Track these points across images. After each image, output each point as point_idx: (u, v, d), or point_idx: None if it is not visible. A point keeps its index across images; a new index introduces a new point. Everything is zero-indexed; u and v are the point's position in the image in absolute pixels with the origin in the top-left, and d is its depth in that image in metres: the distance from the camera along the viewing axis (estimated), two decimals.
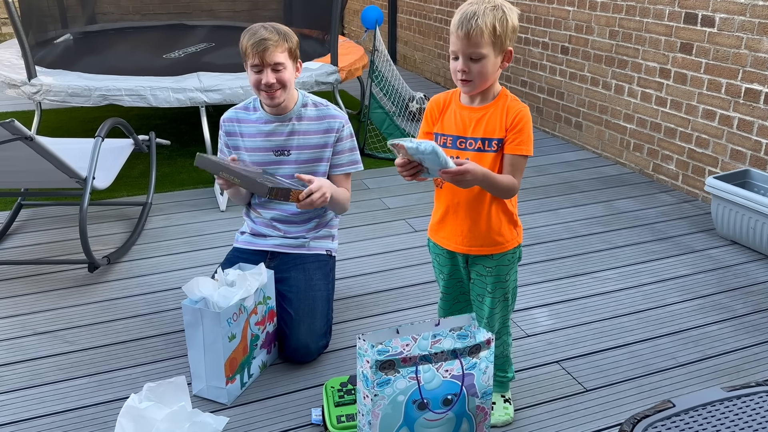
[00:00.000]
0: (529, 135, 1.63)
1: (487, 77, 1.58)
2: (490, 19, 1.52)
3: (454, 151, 1.67)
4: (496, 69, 1.59)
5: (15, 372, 2.09)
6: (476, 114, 1.65)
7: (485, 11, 1.53)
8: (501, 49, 1.57)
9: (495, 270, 1.75)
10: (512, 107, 1.63)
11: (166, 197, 3.50)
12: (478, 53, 1.54)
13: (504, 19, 1.54)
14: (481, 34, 1.52)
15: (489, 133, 1.64)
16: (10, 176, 2.69)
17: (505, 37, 1.55)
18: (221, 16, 5.92)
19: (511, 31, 1.57)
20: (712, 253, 2.86)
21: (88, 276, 2.68)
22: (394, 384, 1.52)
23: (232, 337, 1.88)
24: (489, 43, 1.53)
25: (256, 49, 2.03)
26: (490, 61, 1.56)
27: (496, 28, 1.53)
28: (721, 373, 2.07)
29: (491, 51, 1.55)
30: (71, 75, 3.81)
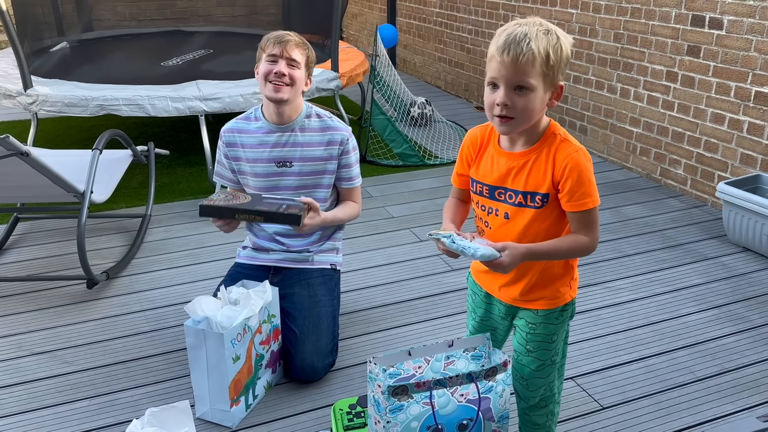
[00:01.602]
0: (590, 183, 1.34)
1: (532, 115, 1.31)
2: (543, 44, 1.26)
3: (489, 202, 1.46)
4: (543, 107, 1.33)
5: (12, 395, 2.02)
6: (517, 161, 1.39)
7: (538, 34, 1.27)
8: (552, 83, 1.30)
9: (540, 327, 1.50)
10: (561, 153, 1.35)
11: (166, 208, 3.43)
12: (526, 82, 1.27)
13: (559, 46, 1.28)
14: (532, 61, 1.25)
15: (533, 185, 1.38)
16: (6, 191, 2.62)
17: (557, 69, 1.29)
18: (219, 21, 5.85)
19: (565, 63, 1.32)
20: (724, 261, 2.80)
21: (86, 292, 2.61)
22: (407, 410, 1.46)
23: (236, 358, 1.82)
24: (540, 73, 1.27)
25: (278, 40, 2.05)
26: (538, 96, 1.29)
27: (550, 56, 1.26)
28: (741, 387, 2.00)
29: (541, 83, 1.28)
30: (68, 85, 3.75)
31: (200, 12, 5.88)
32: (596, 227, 1.38)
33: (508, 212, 1.43)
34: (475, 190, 1.50)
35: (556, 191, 1.37)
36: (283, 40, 2.05)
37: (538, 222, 1.40)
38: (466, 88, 5.65)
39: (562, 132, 1.39)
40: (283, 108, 2.09)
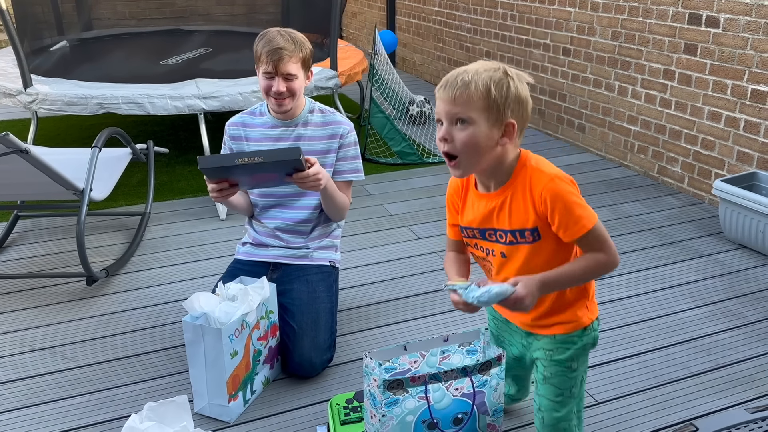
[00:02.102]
0: (578, 206, 1.28)
1: (477, 152, 1.27)
2: (483, 78, 1.25)
3: (484, 243, 1.43)
4: (491, 144, 1.27)
5: (13, 390, 2.04)
6: (495, 201, 1.35)
7: (479, 71, 1.26)
8: (498, 120, 1.26)
9: (557, 353, 1.45)
10: (536, 186, 1.29)
11: (165, 206, 3.45)
12: (464, 115, 1.24)
13: (504, 83, 1.25)
14: (469, 95, 1.24)
15: (518, 223, 1.34)
16: (6, 189, 2.64)
17: (503, 105, 1.25)
18: (218, 20, 5.87)
19: (514, 101, 1.26)
20: (720, 258, 2.81)
21: (86, 289, 2.63)
22: (402, 404, 1.48)
23: (234, 354, 1.83)
24: (480, 107, 1.24)
25: (271, 58, 2.01)
26: (480, 131, 1.25)
27: (491, 90, 1.24)
28: (735, 383, 2.02)
29: (482, 118, 1.25)
30: (67, 83, 3.76)
31: (199, 11, 5.89)
32: (607, 241, 1.32)
33: (503, 251, 1.39)
34: (466, 235, 1.48)
35: (545, 223, 1.32)
36: (275, 58, 2.01)
37: (537, 255, 1.36)
38: None
39: (533, 161, 1.34)
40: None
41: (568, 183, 1.31)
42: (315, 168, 1.92)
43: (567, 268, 1.32)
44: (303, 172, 1.89)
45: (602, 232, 1.31)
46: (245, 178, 1.94)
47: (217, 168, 1.83)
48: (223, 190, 1.93)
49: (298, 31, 2.12)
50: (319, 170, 1.94)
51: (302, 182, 1.92)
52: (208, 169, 1.82)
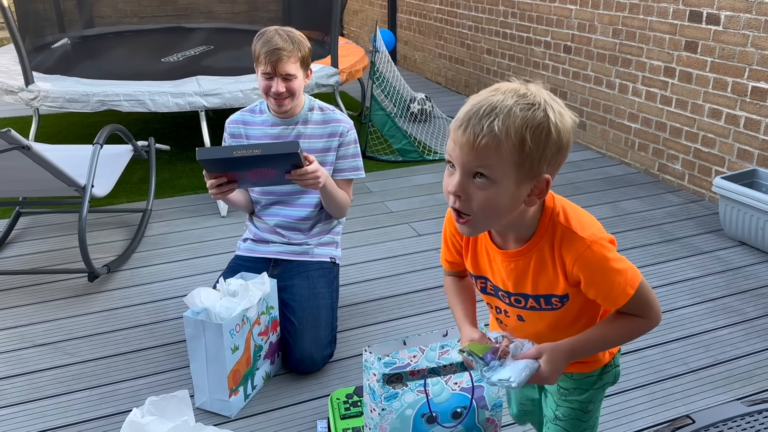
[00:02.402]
0: (619, 272, 1.05)
1: (497, 215, 1.00)
2: (518, 123, 0.93)
3: (495, 301, 1.21)
4: (516, 204, 1.00)
5: (14, 385, 2.05)
6: (515, 262, 1.10)
7: (513, 109, 0.93)
8: (530, 175, 0.97)
9: (574, 393, 1.26)
10: (569, 252, 1.04)
11: (166, 203, 3.46)
12: (487, 171, 0.95)
13: (544, 128, 0.94)
14: (496, 146, 0.93)
15: (544, 289, 1.10)
16: (8, 185, 2.65)
17: (539, 158, 0.95)
18: (220, 18, 5.87)
19: (554, 152, 0.97)
20: (720, 255, 2.82)
21: (87, 285, 2.64)
22: (402, 398, 1.48)
23: (235, 349, 1.84)
24: (509, 162, 0.94)
25: (269, 59, 2.01)
26: (505, 191, 0.96)
27: (527, 140, 0.93)
28: (734, 378, 2.03)
29: (510, 175, 0.95)
30: (69, 80, 3.77)
31: (201, 8, 5.90)
32: (650, 303, 1.10)
33: (521, 315, 1.18)
34: (476, 286, 1.24)
35: (577, 289, 1.09)
36: (273, 58, 2.01)
37: (561, 319, 1.15)
38: (466, 84, 5.66)
39: (562, 216, 1.06)
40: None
41: (605, 245, 1.05)
42: (314, 165, 1.92)
43: (599, 333, 1.12)
44: (301, 169, 1.89)
45: (646, 295, 1.09)
46: (244, 173, 1.91)
47: (216, 160, 1.81)
48: (222, 186, 1.90)
49: (297, 30, 2.11)
50: (318, 168, 1.94)
51: (301, 179, 1.92)
52: (207, 160, 1.80)
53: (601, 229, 1.08)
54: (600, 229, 1.08)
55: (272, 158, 1.80)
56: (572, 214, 1.08)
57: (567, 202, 1.11)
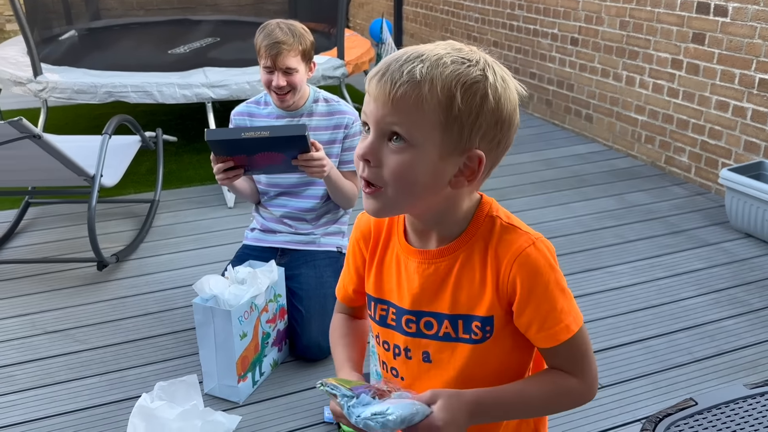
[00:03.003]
0: (560, 294, 0.85)
1: (414, 190, 0.80)
2: (447, 75, 0.76)
3: (395, 336, 0.93)
4: (439, 182, 0.80)
5: (26, 371, 2.08)
6: (434, 266, 0.88)
7: (444, 59, 0.77)
8: (459, 146, 0.78)
9: None
10: (505, 250, 0.84)
11: (174, 194, 3.48)
12: (402, 130, 0.78)
13: (479, 88, 0.77)
14: (415, 99, 0.76)
15: (465, 304, 0.87)
16: (18, 174, 2.68)
17: (470, 124, 0.77)
18: (226, 10, 5.88)
19: (491, 121, 0.78)
20: (726, 247, 2.82)
21: (97, 274, 2.66)
22: None
23: (243, 336, 1.86)
24: (431, 122, 0.76)
25: (269, 52, 2.02)
26: (425, 158, 0.78)
27: (456, 97, 0.76)
28: (738, 368, 2.04)
29: (432, 138, 0.77)
30: (77, 72, 3.79)
31: (207, 1, 5.91)
32: (590, 360, 0.88)
33: (428, 351, 0.90)
34: (373, 315, 0.96)
35: (506, 312, 0.86)
36: (273, 52, 2.01)
37: (479, 364, 0.88)
38: None
39: (503, 213, 0.88)
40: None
41: (552, 254, 0.86)
42: (320, 153, 1.93)
43: (517, 389, 0.87)
44: (308, 154, 1.88)
45: (588, 345, 0.88)
46: (251, 158, 1.89)
47: (224, 141, 1.81)
48: (229, 171, 1.90)
49: (303, 22, 2.12)
50: (324, 156, 1.95)
51: (307, 165, 1.92)
52: (215, 141, 1.81)
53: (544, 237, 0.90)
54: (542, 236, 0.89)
55: (280, 141, 1.80)
56: (514, 216, 0.90)
57: (506, 210, 0.93)
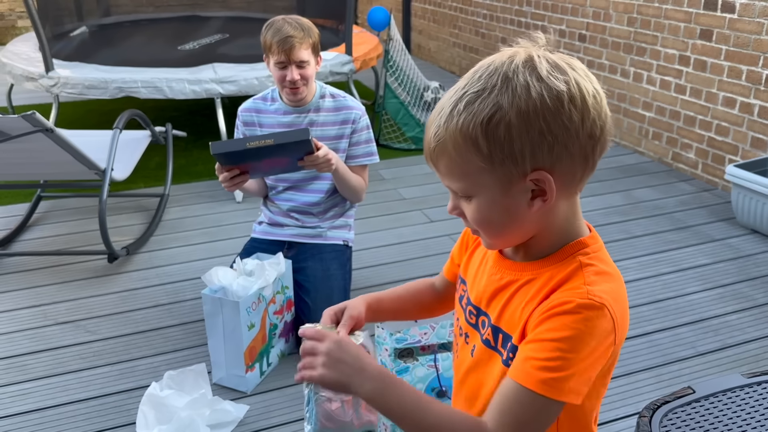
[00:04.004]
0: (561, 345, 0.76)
1: (501, 228, 0.81)
2: (462, 124, 0.75)
3: (464, 320, 0.95)
4: (514, 213, 0.80)
5: (39, 360, 2.12)
6: (502, 275, 0.88)
7: (456, 106, 0.77)
8: (510, 176, 0.77)
9: None
10: (563, 289, 0.80)
11: (183, 188, 3.52)
12: (456, 189, 0.81)
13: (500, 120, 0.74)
14: (447, 161, 0.79)
15: (506, 322, 0.86)
16: (30, 168, 2.72)
17: (509, 155, 0.75)
18: (235, 7, 5.92)
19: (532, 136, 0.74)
20: (732, 242, 2.82)
21: (107, 266, 2.70)
22: (413, 372, 1.53)
23: (251, 326, 1.90)
24: (472, 171, 0.77)
25: (282, 47, 2.03)
26: (490, 201, 0.79)
27: (479, 142, 0.75)
28: (742, 362, 2.05)
29: (483, 181, 0.78)
30: (88, 67, 3.84)
31: None
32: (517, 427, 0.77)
33: (476, 347, 0.92)
34: (457, 291, 1.01)
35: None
36: (286, 46, 2.02)
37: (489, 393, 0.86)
38: None
39: (596, 260, 0.83)
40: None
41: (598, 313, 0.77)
42: (323, 150, 1.95)
43: (423, 397, 0.82)
44: (313, 155, 1.91)
45: (540, 419, 0.78)
46: (257, 164, 1.94)
47: (229, 153, 1.84)
48: (235, 178, 1.93)
49: (309, 18, 2.14)
50: (329, 151, 1.97)
51: (314, 164, 1.96)
52: (221, 154, 1.84)
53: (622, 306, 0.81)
54: (622, 303, 0.81)
55: (285, 147, 1.83)
56: (606, 267, 0.82)
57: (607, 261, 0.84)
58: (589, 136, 0.76)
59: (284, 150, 1.86)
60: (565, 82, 0.74)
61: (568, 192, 0.80)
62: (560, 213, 0.82)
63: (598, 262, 0.82)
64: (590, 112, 0.75)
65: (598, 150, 0.78)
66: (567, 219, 0.83)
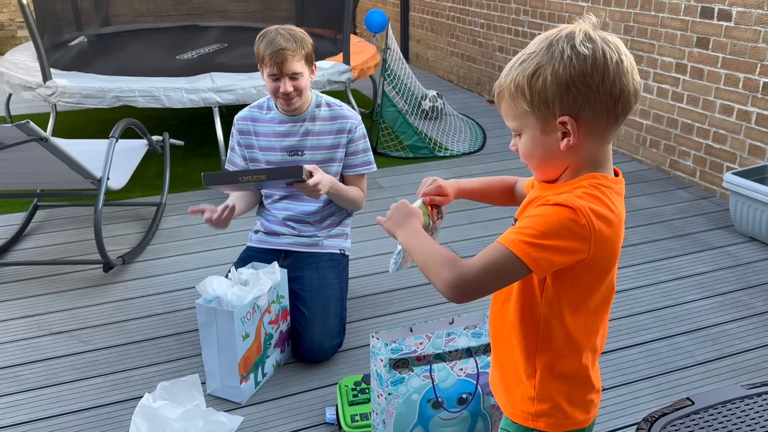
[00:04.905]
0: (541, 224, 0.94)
1: (538, 163, 1.02)
2: (514, 77, 0.97)
3: None
4: (550, 150, 0.98)
5: (31, 371, 2.10)
6: (536, 193, 1.06)
7: (512, 65, 0.99)
8: (546, 119, 0.96)
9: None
10: (551, 197, 0.96)
11: (180, 197, 3.51)
12: (510, 126, 1.03)
13: (541, 74, 0.94)
14: (503, 105, 1.02)
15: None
16: (25, 177, 2.71)
17: (544, 103, 0.95)
18: (234, 16, 5.93)
19: (557, 91, 0.93)
20: (730, 250, 2.81)
21: (103, 276, 2.69)
22: (408, 383, 1.51)
23: (245, 336, 1.88)
24: (519, 114, 0.99)
25: (275, 60, 2.02)
26: (531, 139, 1.00)
27: (524, 91, 0.96)
28: (741, 371, 2.03)
29: (527, 123, 0.99)
30: (86, 77, 3.84)
31: (215, 8, 5.97)
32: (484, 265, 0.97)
33: None
34: None
35: None
36: (279, 59, 2.01)
37: (516, 299, 1.06)
38: (478, 81, 5.68)
39: (598, 190, 0.97)
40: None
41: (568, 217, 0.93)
42: (315, 179, 1.94)
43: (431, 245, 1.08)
44: (303, 183, 1.93)
45: (500, 265, 0.95)
46: (248, 187, 2.05)
47: (222, 185, 1.93)
48: (219, 220, 1.96)
49: (307, 28, 2.14)
50: (320, 180, 1.96)
51: (302, 190, 1.98)
52: (214, 186, 1.91)
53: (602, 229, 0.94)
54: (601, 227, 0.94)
55: (277, 181, 1.91)
56: (598, 197, 0.96)
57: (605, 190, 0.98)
58: (609, 94, 0.94)
59: (276, 182, 1.94)
60: (592, 50, 0.93)
61: (593, 138, 0.97)
62: (587, 154, 0.99)
63: (598, 192, 0.97)
64: (610, 74, 0.93)
65: (620, 107, 0.95)
66: (593, 160, 1.00)
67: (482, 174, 3.80)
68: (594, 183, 0.97)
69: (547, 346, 1.05)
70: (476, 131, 4.58)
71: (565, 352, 1.05)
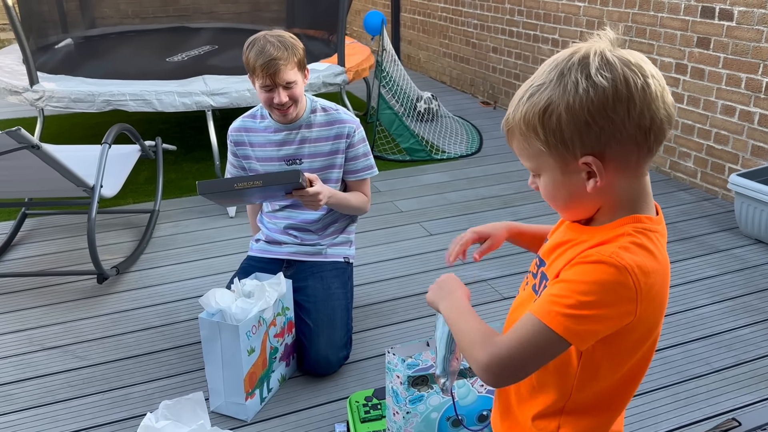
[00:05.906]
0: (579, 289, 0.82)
1: (563, 205, 0.91)
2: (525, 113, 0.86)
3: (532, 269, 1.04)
4: (574, 191, 0.87)
5: (24, 390, 2.01)
6: (568, 235, 0.95)
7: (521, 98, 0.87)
8: (566, 159, 0.85)
9: None
10: (599, 246, 0.85)
11: (174, 204, 3.42)
12: (527, 167, 0.92)
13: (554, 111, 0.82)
14: (515, 146, 0.91)
15: (550, 270, 0.94)
16: (15, 186, 2.61)
17: (561, 143, 0.84)
18: (223, 18, 5.84)
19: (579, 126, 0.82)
20: (737, 253, 2.78)
21: (96, 287, 2.60)
22: (427, 400, 1.45)
23: (251, 351, 1.80)
24: (534, 154, 0.88)
25: (267, 71, 1.92)
26: (552, 180, 0.88)
27: (537, 130, 0.85)
28: (759, 378, 1.99)
29: (546, 163, 0.87)
30: (74, 80, 3.73)
31: (203, 9, 5.87)
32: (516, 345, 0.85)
33: (526, 290, 1.02)
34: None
35: None
36: (271, 70, 1.91)
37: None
38: (472, 83, 5.63)
39: (643, 235, 0.85)
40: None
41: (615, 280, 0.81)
42: (315, 188, 1.88)
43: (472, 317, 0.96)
44: (302, 190, 1.87)
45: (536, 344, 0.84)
46: (246, 197, 1.99)
47: (217, 193, 1.86)
48: None
49: (300, 29, 2.06)
50: (320, 190, 1.90)
51: (301, 198, 1.91)
52: (209, 194, 1.84)
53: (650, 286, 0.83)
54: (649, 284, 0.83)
55: (273, 187, 1.84)
56: (643, 247, 0.84)
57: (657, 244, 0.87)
58: (637, 126, 0.82)
59: (273, 188, 1.86)
60: (611, 80, 0.80)
61: (624, 174, 0.86)
62: (620, 191, 0.87)
63: (646, 240, 0.86)
64: (636, 105, 0.81)
65: (652, 138, 0.83)
66: (629, 197, 0.88)
67: (480, 176, 3.74)
68: (639, 228, 0.85)
69: (575, 407, 0.94)
70: (472, 133, 4.53)
71: (595, 412, 0.95)
